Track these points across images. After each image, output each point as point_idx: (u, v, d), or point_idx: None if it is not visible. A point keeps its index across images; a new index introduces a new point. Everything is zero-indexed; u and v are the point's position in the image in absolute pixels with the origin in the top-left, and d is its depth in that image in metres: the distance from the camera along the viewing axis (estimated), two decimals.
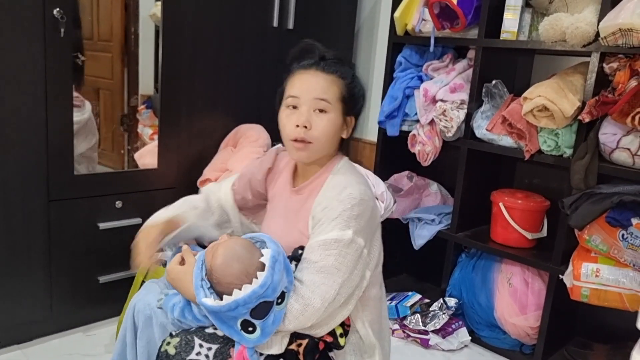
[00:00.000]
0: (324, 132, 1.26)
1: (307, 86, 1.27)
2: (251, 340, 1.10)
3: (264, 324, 1.09)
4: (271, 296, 1.08)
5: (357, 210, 1.20)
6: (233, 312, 1.07)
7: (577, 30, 1.77)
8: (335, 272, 1.15)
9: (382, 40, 2.62)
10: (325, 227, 1.19)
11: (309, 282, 1.15)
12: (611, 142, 1.78)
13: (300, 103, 1.26)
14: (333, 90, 1.27)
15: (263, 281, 1.07)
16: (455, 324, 2.17)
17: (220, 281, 1.12)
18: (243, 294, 1.06)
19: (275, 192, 1.43)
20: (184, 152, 2.14)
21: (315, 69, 1.28)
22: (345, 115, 1.31)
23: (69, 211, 1.88)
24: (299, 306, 1.13)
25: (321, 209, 1.23)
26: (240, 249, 1.15)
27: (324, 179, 1.30)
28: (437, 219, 2.29)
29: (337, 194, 1.22)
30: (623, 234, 1.75)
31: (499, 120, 2.04)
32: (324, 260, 1.16)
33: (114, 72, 2.22)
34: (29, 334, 1.92)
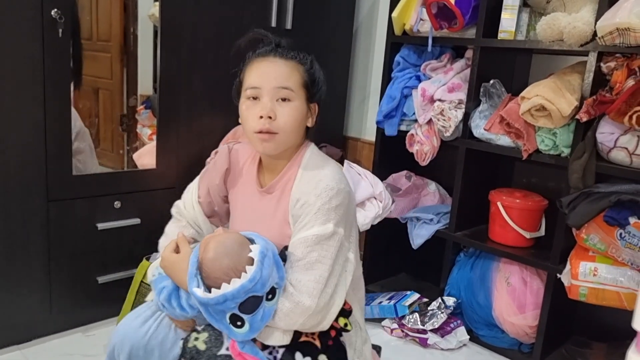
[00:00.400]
0: (289, 121, 1.22)
1: (267, 75, 1.22)
2: (240, 335, 1.10)
3: (253, 319, 1.09)
4: (260, 291, 1.08)
5: (335, 202, 1.19)
6: (221, 306, 1.07)
7: (574, 29, 1.77)
8: (320, 267, 1.16)
9: (380, 40, 2.62)
10: (305, 224, 1.19)
11: (296, 281, 1.16)
12: (609, 141, 1.78)
13: (262, 93, 1.22)
14: (295, 76, 1.23)
15: (252, 276, 1.07)
16: (453, 323, 2.17)
17: (209, 275, 1.12)
18: (231, 288, 1.06)
19: (239, 193, 1.37)
20: (182, 153, 2.14)
21: (274, 55, 1.24)
22: (309, 102, 1.27)
23: (67, 211, 1.88)
24: (290, 304, 1.14)
25: (299, 206, 1.21)
26: (231, 244, 1.15)
27: (294, 173, 1.27)
28: (435, 218, 2.30)
29: (312, 188, 1.20)
30: (621, 232, 1.75)
31: (497, 120, 2.04)
32: (307, 257, 1.16)
33: (113, 72, 2.23)
34: (28, 334, 1.92)
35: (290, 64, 1.24)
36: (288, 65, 1.24)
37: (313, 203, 1.19)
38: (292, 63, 1.25)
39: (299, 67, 1.26)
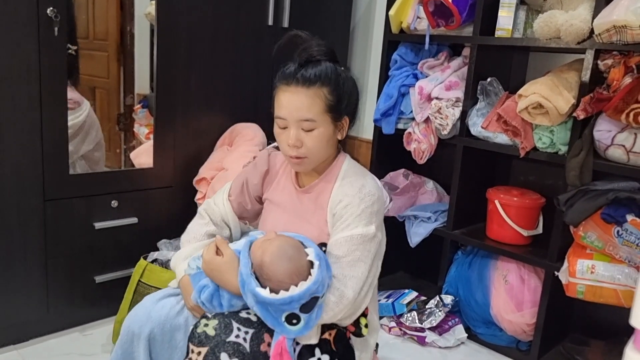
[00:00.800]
0: (315, 146, 1.29)
1: (290, 107, 1.26)
2: (293, 332, 1.15)
3: (309, 318, 1.15)
4: (321, 292, 1.16)
5: (377, 207, 1.29)
6: (285, 306, 1.13)
7: (571, 27, 1.77)
8: (362, 265, 1.25)
9: (378, 38, 2.62)
10: (349, 224, 1.26)
11: (341, 276, 1.23)
12: (606, 138, 1.79)
13: (288, 124, 1.28)
14: (317, 105, 1.26)
15: (316, 278, 1.14)
16: (451, 321, 2.18)
17: (271, 278, 1.16)
18: (299, 291, 1.12)
19: (277, 193, 1.44)
20: (179, 151, 2.14)
21: (295, 84, 1.26)
22: (336, 121, 1.32)
23: (64, 211, 1.88)
24: (335, 298, 1.20)
25: (342, 206, 1.29)
26: (291, 250, 1.20)
27: (334, 176, 1.35)
28: (433, 216, 2.30)
29: (357, 192, 1.29)
30: (618, 230, 1.75)
31: (494, 118, 2.04)
32: (351, 254, 1.24)
33: (110, 71, 2.22)
34: (25, 334, 1.92)
35: (311, 91, 1.26)
36: (309, 94, 1.26)
37: (357, 205, 1.27)
38: (314, 89, 1.26)
39: (322, 91, 1.27)
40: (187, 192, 2.16)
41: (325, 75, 1.28)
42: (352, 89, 1.34)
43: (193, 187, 2.16)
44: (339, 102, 1.30)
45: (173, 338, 1.27)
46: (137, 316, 1.27)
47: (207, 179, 2.11)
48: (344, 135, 1.37)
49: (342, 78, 1.32)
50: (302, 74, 1.26)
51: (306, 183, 1.39)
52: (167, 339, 1.26)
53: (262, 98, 2.34)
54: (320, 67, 1.28)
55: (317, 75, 1.27)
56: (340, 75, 1.31)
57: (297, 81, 1.26)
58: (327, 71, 1.28)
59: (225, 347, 1.14)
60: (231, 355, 1.13)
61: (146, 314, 1.27)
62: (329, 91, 1.28)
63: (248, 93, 2.31)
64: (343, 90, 1.31)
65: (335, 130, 1.33)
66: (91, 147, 2.09)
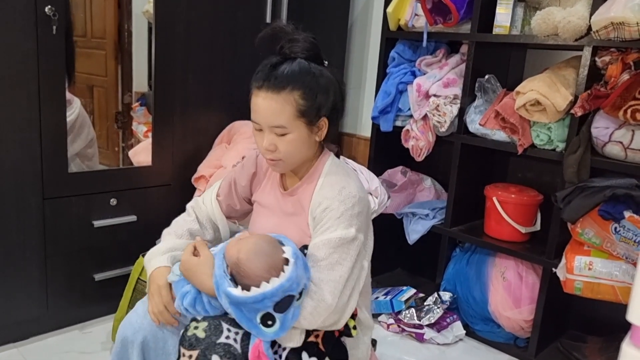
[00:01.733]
0: (288, 151, 1.26)
1: (262, 113, 1.23)
2: (269, 334, 1.13)
3: (284, 318, 1.13)
4: (295, 290, 1.13)
5: (358, 209, 1.25)
6: (258, 305, 1.10)
7: (569, 24, 1.78)
8: (340, 268, 1.21)
9: (375, 36, 2.62)
10: (328, 227, 1.23)
11: (318, 280, 1.20)
12: (603, 135, 1.79)
13: (262, 128, 1.26)
14: (287, 111, 1.22)
15: (289, 275, 1.12)
16: (449, 318, 2.18)
17: (249, 274, 1.15)
18: (271, 287, 1.10)
19: (264, 194, 1.43)
20: (178, 149, 2.14)
21: (266, 89, 1.21)
22: (311, 125, 1.26)
23: (63, 209, 1.88)
24: (313, 302, 1.17)
25: (322, 209, 1.26)
26: (266, 245, 1.19)
27: (316, 178, 1.32)
28: (431, 213, 2.30)
29: (336, 194, 1.25)
30: (615, 227, 1.76)
31: (492, 115, 2.04)
32: (329, 257, 1.21)
33: (108, 69, 2.22)
34: (25, 332, 1.92)
35: (281, 97, 1.21)
36: (279, 100, 1.21)
37: (336, 208, 1.24)
38: (284, 95, 1.21)
39: (292, 96, 1.21)
40: (186, 189, 2.16)
41: (296, 78, 1.22)
42: (328, 88, 1.26)
43: (192, 184, 2.17)
44: (311, 106, 1.24)
45: (166, 344, 1.26)
46: (130, 323, 1.26)
47: (206, 176, 2.11)
48: (322, 137, 1.31)
49: (316, 77, 1.24)
50: (273, 77, 1.21)
51: (290, 186, 1.38)
52: (160, 346, 1.26)
53: None
54: (292, 68, 1.23)
55: (287, 78, 1.21)
56: (314, 74, 1.24)
57: (268, 86, 1.21)
58: (299, 73, 1.23)
59: (216, 349, 1.13)
60: (222, 357, 1.12)
61: (139, 321, 1.26)
62: (300, 95, 1.22)
63: (246, 90, 2.28)
64: (317, 92, 1.24)
65: (311, 133, 1.27)
66: (84, 144, 2.09)
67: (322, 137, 1.31)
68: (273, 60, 1.25)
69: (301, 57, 1.25)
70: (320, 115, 1.27)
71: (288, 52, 1.25)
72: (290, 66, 1.23)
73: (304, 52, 1.25)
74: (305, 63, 1.25)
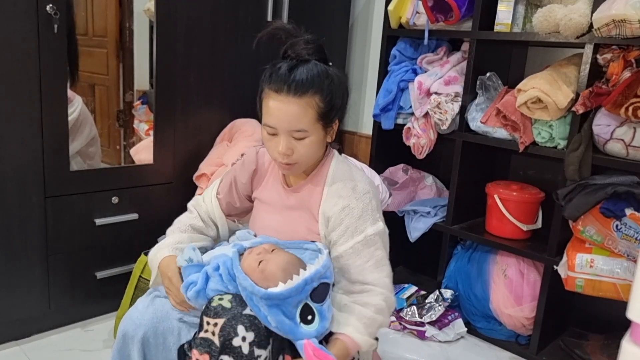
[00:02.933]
0: (305, 154, 1.26)
1: (281, 118, 1.21)
2: (311, 333, 1.13)
3: (322, 308, 1.15)
4: (330, 278, 1.17)
5: (375, 202, 1.30)
6: (299, 295, 1.12)
7: (570, 21, 1.77)
8: (386, 262, 1.28)
9: (377, 34, 2.62)
10: (357, 227, 1.26)
11: (375, 280, 1.25)
12: (605, 133, 1.79)
13: (278, 132, 1.23)
14: (308, 114, 1.21)
15: (324, 262, 1.16)
16: (451, 316, 2.18)
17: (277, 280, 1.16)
18: (309, 273, 1.13)
19: (265, 191, 1.43)
20: (179, 147, 2.14)
21: (287, 93, 1.19)
22: (327, 127, 1.28)
23: (65, 207, 1.88)
24: (384, 303, 1.24)
25: (339, 209, 1.27)
26: (290, 264, 1.20)
27: (323, 177, 1.33)
28: (432, 211, 2.30)
29: (351, 192, 1.28)
30: (617, 224, 1.76)
31: (494, 113, 2.04)
32: (374, 255, 1.26)
33: (109, 67, 2.22)
34: (27, 330, 1.93)
35: (303, 101, 1.20)
36: (301, 103, 1.20)
37: (355, 206, 1.27)
38: (306, 99, 1.20)
39: (314, 99, 1.21)
40: (187, 188, 2.17)
41: (317, 81, 1.21)
42: (343, 91, 1.29)
43: (193, 182, 2.17)
44: (331, 109, 1.25)
45: (166, 340, 1.26)
46: (130, 319, 1.27)
47: (207, 174, 2.11)
48: (333, 137, 1.33)
49: (333, 80, 1.25)
50: (293, 80, 1.19)
51: (294, 183, 1.38)
52: (160, 341, 1.26)
53: None
54: (311, 72, 1.21)
55: (309, 82, 1.20)
56: (330, 77, 1.25)
57: (289, 90, 1.19)
58: (319, 76, 1.22)
59: (242, 319, 1.13)
60: (247, 328, 1.12)
61: (139, 317, 1.26)
62: (320, 99, 1.22)
63: (247, 88, 2.31)
64: (334, 94, 1.25)
65: (326, 134, 1.30)
66: (85, 143, 2.09)
67: (333, 138, 1.33)
68: (287, 63, 1.23)
69: (314, 59, 1.24)
70: (336, 116, 1.29)
71: (297, 54, 1.24)
72: (308, 69, 1.22)
73: (315, 54, 1.25)
74: (322, 66, 1.25)
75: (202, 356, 1.13)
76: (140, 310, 1.28)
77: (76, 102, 2.05)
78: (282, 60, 1.26)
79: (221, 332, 1.12)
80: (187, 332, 1.27)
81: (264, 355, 1.13)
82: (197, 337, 1.15)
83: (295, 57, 1.24)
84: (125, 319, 1.28)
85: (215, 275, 1.20)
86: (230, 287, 1.19)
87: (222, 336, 1.12)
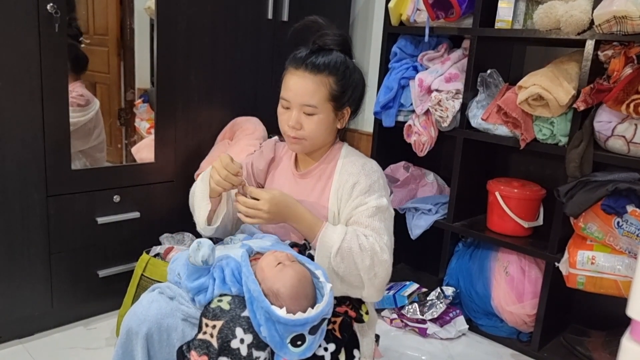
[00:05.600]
0: (313, 131, 1.34)
1: (295, 91, 1.32)
2: (294, 354, 1.13)
3: (313, 340, 1.14)
4: (329, 314, 1.17)
5: (383, 182, 1.36)
6: (297, 327, 1.11)
7: (571, 18, 1.77)
8: (385, 232, 1.30)
9: (377, 31, 2.62)
10: (361, 200, 1.31)
11: (373, 229, 1.29)
12: (606, 129, 1.79)
13: (291, 106, 1.34)
14: (321, 92, 1.31)
15: (329, 300, 1.16)
16: (452, 313, 2.19)
17: (287, 305, 1.14)
18: (314, 313, 1.12)
19: (276, 177, 1.49)
20: (181, 146, 2.14)
21: (304, 69, 1.31)
22: (337, 110, 1.36)
23: (67, 206, 1.89)
24: (371, 248, 1.26)
25: (350, 186, 1.34)
26: (309, 288, 1.19)
27: (334, 159, 1.41)
28: (433, 208, 2.30)
29: (360, 169, 1.35)
30: (618, 221, 1.76)
31: (495, 110, 2.04)
32: (372, 224, 1.29)
33: (110, 66, 2.22)
34: (30, 328, 1.94)
35: (318, 78, 1.31)
36: (316, 80, 1.31)
37: (364, 182, 1.33)
38: (321, 77, 1.31)
39: (328, 80, 1.32)
40: (189, 186, 2.13)
41: (333, 65, 1.32)
42: (358, 82, 1.38)
43: (194, 181, 2.17)
44: (343, 93, 1.34)
45: (170, 337, 1.26)
46: (135, 315, 1.26)
47: None
48: (343, 125, 1.42)
49: (350, 70, 1.36)
50: (311, 60, 1.31)
51: (304, 168, 1.45)
52: (164, 338, 1.26)
53: (262, 91, 2.34)
54: (330, 57, 1.33)
55: (325, 64, 1.31)
56: (349, 67, 1.35)
57: (306, 67, 1.31)
58: (336, 61, 1.33)
59: (240, 321, 1.14)
60: (246, 330, 1.13)
61: (144, 312, 1.26)
62: (334, 81, 1.32)
63: (248, 86, 2.31)
64: (349, 82, 1.35)
65: (336, 118, 1.38)
66: (91, 145, 2.10)
67: (343, 126, 1.41)
68: (311, 48, 1.34)
69: (336, 50, 1.35)
70: (347, 104, 1.37)
71: (323, 43, 1.34)
72: (329, 55, 1.33)
73: (338, 45, 1.36)
74: (342, 56, 1.35)
75: (201, 358, 1.13)
76: (144, 305, 1.28)
77: (94, 105, 2.08)
78: (309, 46, 1.36)
79: (219, 334, 1.12)
80: (191, 330, 1.27)
81: (262, 357, 1.13)
82: (196, 338, 1.15)
83: (320, 45, 1.35)
84: (129, 314, 1.28)
85: (218, 277, 1.20)
86: (233, 288, 1.19)
87: (221, 338, 1.12)
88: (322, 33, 1.35)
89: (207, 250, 1.18)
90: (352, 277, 1.27)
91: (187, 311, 1.24)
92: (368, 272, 1.25)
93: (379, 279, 1.27)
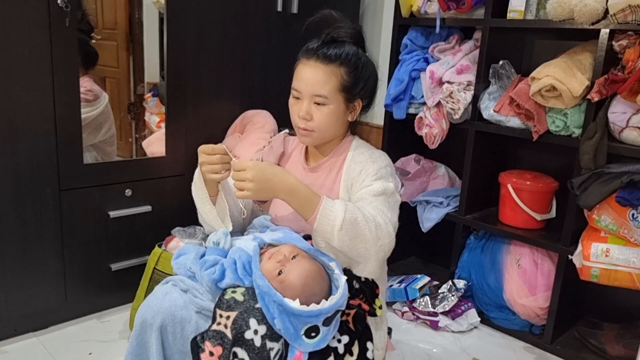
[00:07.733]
0: (323, 122, 1.33)
1: (306, 81, 1.31)
2: (310, 345, 1.13)
3: (327, 331, 1.15)
4: (344, 305, 1.18)
5: (391, 169, 1.35)
6: (312, 318, 1.13)
7: (585, 7, 1.74)
8: (389, 212, 1.26)
9: (387, 23, 2.60)
10: (368, 182, 1.30)
11: (376, 207, 1.25)
12: (621, 121, 1.76)
13: (302, 96, 1.33)
14: (332, 82, 1.31)
15: (344, 292, 1.17)
16: (464, 306, 2.18)
17: (300, 298, 1.16)
18: (329, 304, 1.13)
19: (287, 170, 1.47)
20: (191, 139, 2.14)
21: (316, 59, 1.31)
22: (348, 102, 1.36)
23: (79, 200, 1.90)
24: (374, 220, 1.22)
25: (357, 172, 1.34)
26: (318, 286, 1.20)
27: (344, 152, 1.40)
28: (445, 201, 2.29)
29: (368, 157, 1.35)
30: (633, 213, 1.74)
31: (507, 101, 2.02)
32: (374, 203, 1.27)
33: (120, 60, 2.23)
34: (45, 321, 1.96)
35: (329, 68, 1.30)
36: (327, 71, 1.30)
37: (370, 167, 1.32)
38: (332, 67, 1.31)
39: (340, 70, 1.31)
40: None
41: (345, 56, 1.32)
42: (370, 75, 1.38)
43: None
44: (354, 84, 1.34)
45: (184, 329, 1.27)
46: (149, 307, 1.27)
47: None
48: (354, 118, 1.41)
49: (362, 62, 1.35)
50: (323, 51, 1.31)
51: (314, 162, 1.45)
52: (178, 330, 1.26)
53: (271, 84, 2.33)
54: (342, 48, 1.32)
55: (337, 54, 1.31)
56: (361, 59, 1.35)
57: (317, 57, 1.31)
58: (349, 52, 1.33)
59: (254, 312, 1.14)
60: (259, 321, 1.13)
61: (158, 304, 1.26)
62: (346, 72, 1.32)
63: (258, 80, 2.30)
64: (361, 74, 1.34)
65: (347, 110, 1.37)
66: (101, 139, 2.11)
67: (354, 118, 1.40)
68: (323, 39, 1.34)
69: (349, 42, 1.35)
70: (358, 96, 1.37)
71: (337, 35, 1.34)
72: (341, 47, 1.33)
73: (351, 37, 1.36)
74: (355, 48, 1.35)
75: (215, 348, 1.13)
76: (158, 297, 1.28)
77: (103, 99, 2.08)
78: (322, 38, 1.36)
79: (233, 325, 1.13)
80: (205, 323, 1.27)
81: (276, 348, 1.13)
82: (210, 329, 1.16)
83: (333, 37, 1.35)
84: (143, 306, 1.28)
85: (231, 268, 1.21)
86: (245, 281, 1.19)
87: (235, 329, 1.12)
88: (336, 26, 1.35)
89: (220, 234, 1.28)
90: (355, 251, 1.23)
91: (200, 304, 1.24)
92: (375, 243, 1.21)
93: (383, 252, 1.24)
